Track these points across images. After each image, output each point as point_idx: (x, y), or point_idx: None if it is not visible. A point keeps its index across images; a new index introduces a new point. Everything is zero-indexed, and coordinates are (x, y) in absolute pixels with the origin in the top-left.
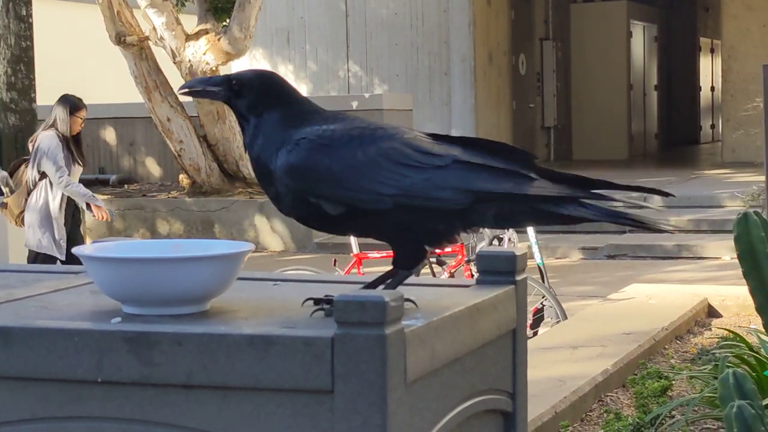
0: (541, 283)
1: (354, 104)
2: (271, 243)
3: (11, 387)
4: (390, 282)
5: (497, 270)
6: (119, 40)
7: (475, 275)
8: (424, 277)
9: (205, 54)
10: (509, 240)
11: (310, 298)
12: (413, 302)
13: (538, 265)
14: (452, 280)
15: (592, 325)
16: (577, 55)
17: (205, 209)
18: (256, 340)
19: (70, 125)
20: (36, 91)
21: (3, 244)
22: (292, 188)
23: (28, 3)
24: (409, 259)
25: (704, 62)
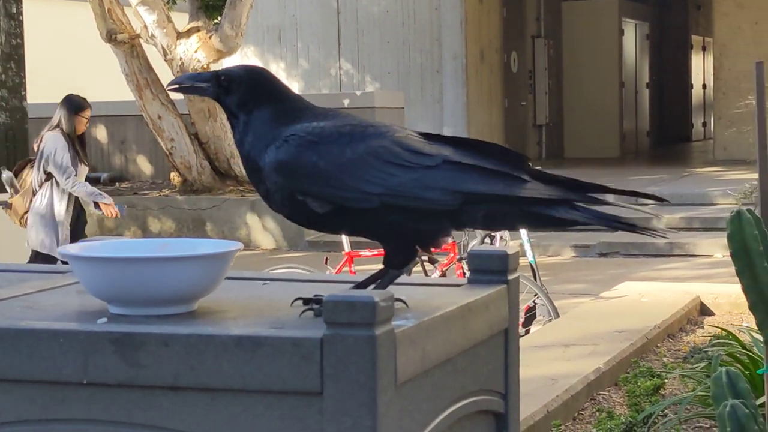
0: (533, 281)
1: (345, 102)
2: (263, 241)
3: None
4: (380, 282)
5: (489, 269)
6: (110, 37)
7: (467, 273)
8: (415, 277)
9: (196, 52)
10: (501, 238)
11: (300, 298)
12: (403, 302)
13: (530, 263)
14: (443, 279)
15: (584, 324)
16: (568, 53)
17: (197, 207)
18: (244, 341)
19: (75, 125)
20: (26, 89)
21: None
22: (280, 185)
23: (19, 0)
24: (399, 259)
25: (696, 60)
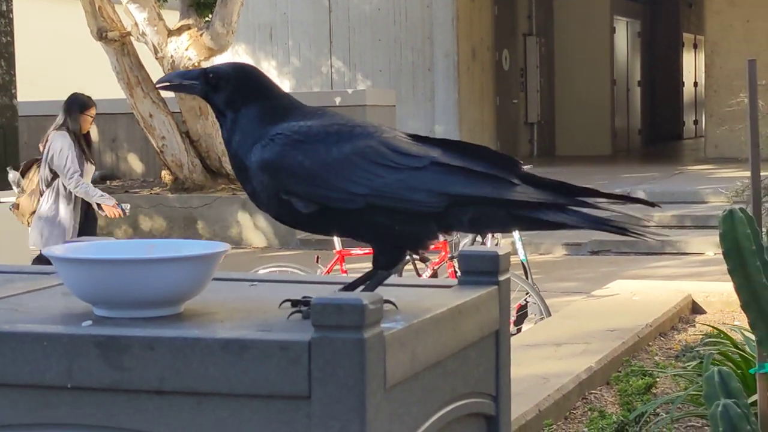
0: (525, 279)
1: (337, 100)
2: (254, 239)
3: None
4: (369, 283)
5: (480, 270)
6: (101, 35)
7: (458, 272)
8: (405, 278)
9: (187, 49)
10: (492, 236)
11: (288, 300)
12: (393, 304)
13: (522, 262)
14: (433, 280)
15: (575, 322)
16: (560, 51)
17: (188, 206)
18: (231, 345)
19: (80, 124)
20: (17, 87)
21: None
22: (266, 184)
23: None
24: (387, 260)
25: (687, 58)
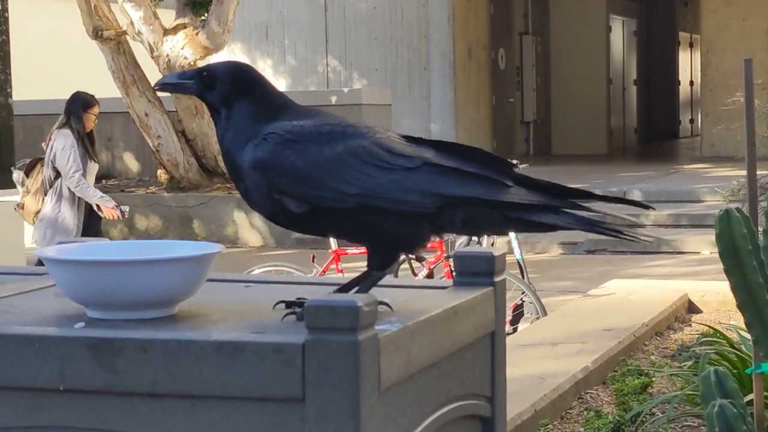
0: (521, 278)
1: (333, 99)
2: (250, 238)
3: None
4: (362, 284)
5: (475, 271)
6: (96, 34)
7: (454, 271)
8: (400, 279)
9: (183, 48)
10: (488, 236)
11: (282, 301)
12: (387, 305)
13: (518, 261)
14: (429, 281)
15: (572, 322)
16: (556, 50)
17: (184, 205)
18: (224, 347)
19: (83, 122)
20: (12, 86)
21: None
22: (258, 183)
23: None
24: (381, 260)
25: (683, 57)
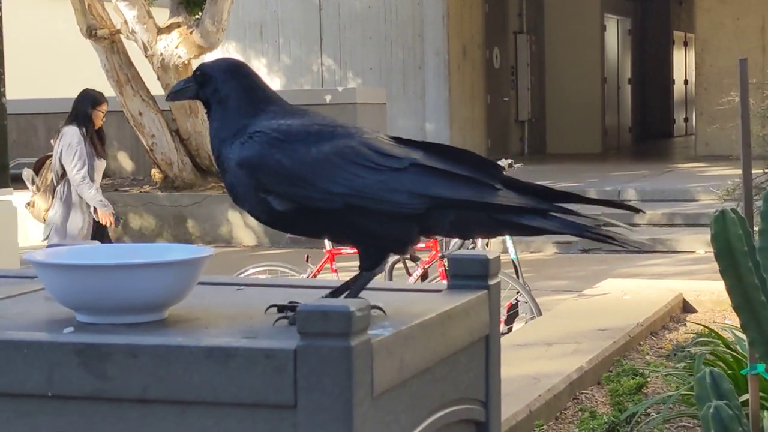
0: (516, 278)
1: (327, 98)
2: (244, 238)
3: None
4: (353, 287)
5: (469, 274)
6: (90, 33)
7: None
8: (394, 282)
9: (177, 47)
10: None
11: (274, 305)
12: (381, 309)
13: (513, 260)
14: (422, 285)
15: (566, 321)
16: (551, 49)
17: (178, 204)
18: (215, 352)
19: (92, 119)
20: (5, 85)
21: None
22: (243, 182)
23: None
24: (371, 261)
25: (678, 55)
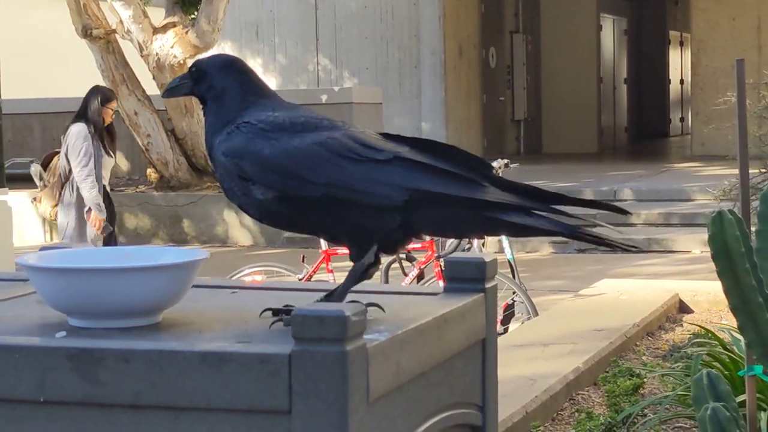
0: (512, 278)
1: (323, 98)
2: (240, 238)
3: None
4: (344, 282)
5: (466, 277)
6: (86, 33)
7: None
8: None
9: (172, 47)
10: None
11: (269, 309)
12: (379, 306)
13: (509, 261)
14: (418, 288)
15: (563, 322)
16: (547, 49)
17: (173, 204)
18: (209, 357)
19: (102, 116)
20: (1, 85)
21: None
22: (229, 172)
23: None
24: (356, 251)
25: (674, 55)
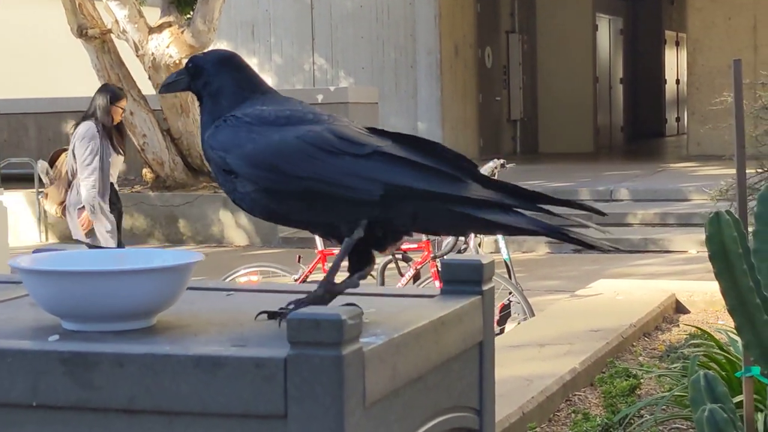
0: (508, 279)
1: (319, 97)
2: (236, 238)
3: None
4: (334, 261)
5: (463, 279)
6: (81, 33)
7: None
8: (386, 287)
9: (168, 47)
10: (475, 235)
11: (264, 312)
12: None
13: (505, 261)
14: (415, 290)
15: (559, 322)
16: (543, 48)
17: (169, 204)
18: (204, 361)
19: (111, 115)
20: None
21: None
22: (216, 164)
23: None
24: (344, 230)
25: (669, 55)
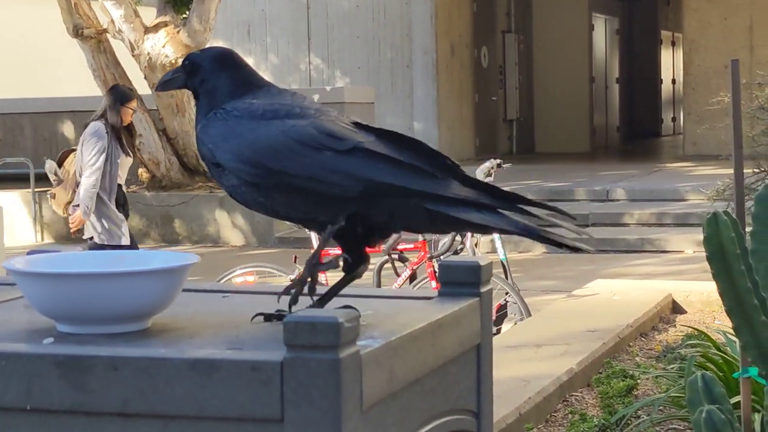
0: (505, 279)
1: (315, 97)
2: (232, 238)
3: None
4: (317, 245)
5: (460, 281)
6: (77, 32)
7: (437, 272)
8: (383, 289)
9: (164, 47)
10: (472, 235)
11: (260, 314)
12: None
13: (501, 261)
14: (413, 292)
15: (556, 323)
16: (539, 48)
17: (165, 204)
18: (199, 365)
19: (120, 116)
20: None
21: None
22: (206, 158)
23: None
24: (326, 219)
25: (665, 55)
